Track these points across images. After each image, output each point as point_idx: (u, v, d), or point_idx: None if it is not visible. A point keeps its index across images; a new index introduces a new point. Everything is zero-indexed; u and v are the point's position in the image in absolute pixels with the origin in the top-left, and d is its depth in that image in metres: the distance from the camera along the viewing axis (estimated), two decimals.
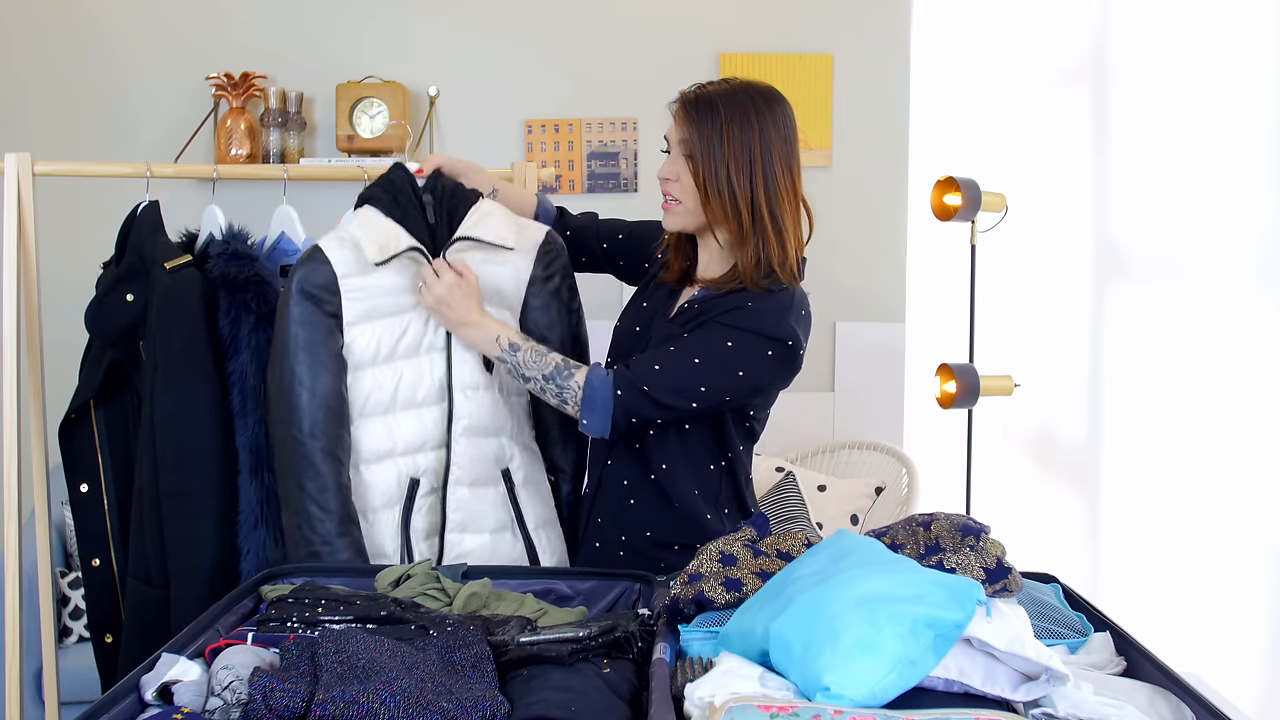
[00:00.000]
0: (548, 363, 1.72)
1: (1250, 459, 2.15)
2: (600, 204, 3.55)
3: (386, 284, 1.77)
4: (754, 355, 1.69)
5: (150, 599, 1.89)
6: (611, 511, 1.82)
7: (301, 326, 1.71)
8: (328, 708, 1.03)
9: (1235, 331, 2.22)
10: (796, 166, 1.75)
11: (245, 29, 3.52)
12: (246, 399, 1.85)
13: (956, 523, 1.24)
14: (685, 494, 1.78)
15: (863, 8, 3.59)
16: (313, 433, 1.71)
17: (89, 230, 2.71)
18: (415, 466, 1.80)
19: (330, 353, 1.73)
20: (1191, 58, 2.39)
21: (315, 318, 1.72)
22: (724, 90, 1.72)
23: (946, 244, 3.41)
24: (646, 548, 1.78)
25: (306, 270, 1.74)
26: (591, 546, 1.84)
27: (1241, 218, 2.22)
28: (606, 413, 1.69)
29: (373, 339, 1.76)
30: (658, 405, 1.69)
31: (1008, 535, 1.40)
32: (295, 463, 1.71)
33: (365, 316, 1.76)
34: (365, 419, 1.77)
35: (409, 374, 1.79)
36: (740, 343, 1.69)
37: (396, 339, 1.78)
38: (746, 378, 1.70)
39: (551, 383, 1.71)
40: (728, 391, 1.71)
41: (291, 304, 1.72)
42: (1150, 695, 1.11)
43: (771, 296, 1.72)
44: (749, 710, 0.96)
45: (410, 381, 1.79)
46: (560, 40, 3.57)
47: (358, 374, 1.76)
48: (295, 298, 1.72)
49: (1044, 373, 3.08)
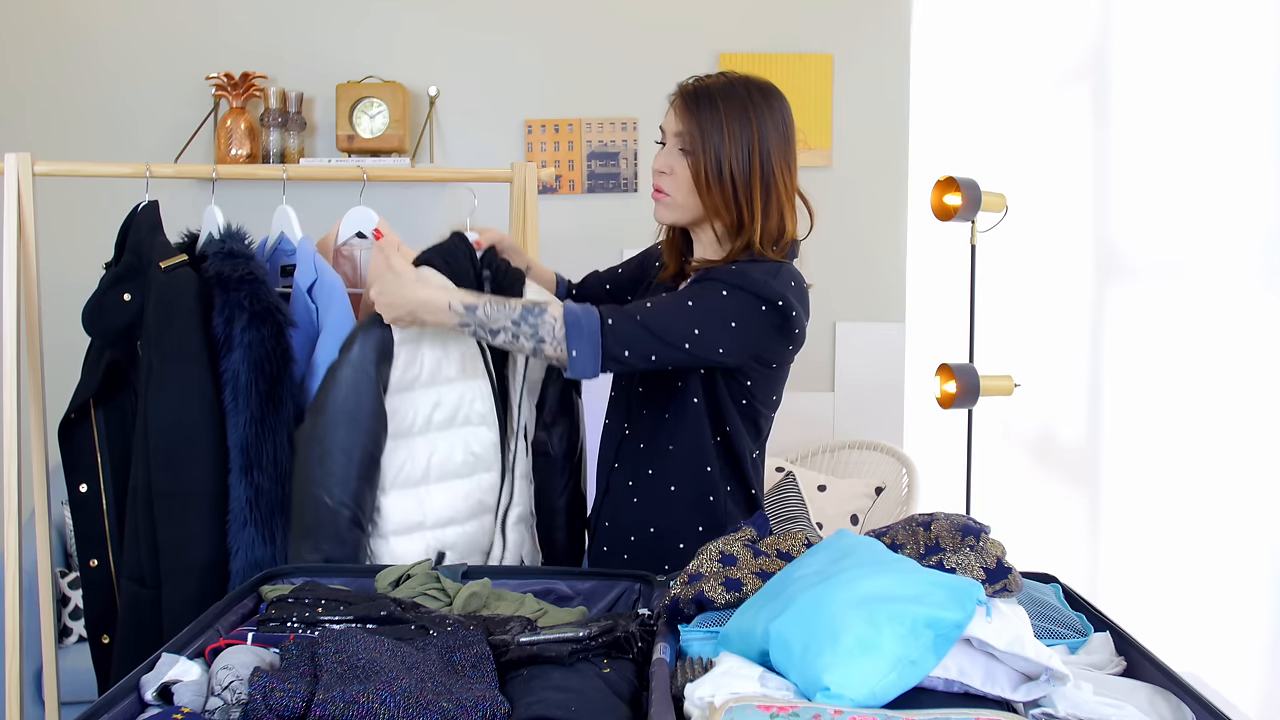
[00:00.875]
0: (513, 307, 1.62)
1: (1250, 459, 2.15)
2: (600, 204, 3.57)
3: (431, 353, 1.77)
4: (746, 309, 1.66)
5: (144, 599, 1.88)
6: (619, 514, 1.82)
7: (352, 389, 1.68)
8: (328, 708, 1.03)
9: (1235, 331, 2.22)
10: (793, 161, 1.75)
11: (245, 29, 3.52)
12: (238, 397, 1.85)
13: (956, 523, 1.24)
14: (690, 494, 1.77)
15: (863, 8, 3.59)
16: (344, 500, 1.69)
17: (89, 230, 2.71)
18: (442, 540, 1.80)
19: (377, 419, 1.71)
20: (1192, 58, 2.39)
21: (367, 383, 1.69)
22: (723, 84, 1.72)
23: (946, 244, 3.41)
24: (652, 547, 1.77)
25: (366, 334, 1.71)
26: (600, 550, 1.84)
27: (1242, 218, 2.22)
28: (595, 342, 1.59)
29: (411, 408, 1.75)
30: (652, 337, 1.61)
31: (1008, 535, 1.40)
32: (323, 529, 1.69)
33: (408, 385, 1.75)
34: (397, 490, 1.76)
35: (443, 446, 1.79)
36: (733, 295, 1.65)
37: (431, 409, 1.78)
38: (739, 332, 1.65)
39: (524, 324, 1.60)
40: (721, 343, 1.65)
41: (345, 366, 1.69)
42: (1150, 695, 1.11)
43: (758, 263, 1.71)
44: (749, 710, 0.96)
45: (444, 455, 1.79)
46: (560, 40, 3.57)
47: (394, 443, 1.74)
48: (354, 361, 1.69)
49: (1044, 373, 3.08)
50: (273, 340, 1.85)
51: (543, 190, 3.38)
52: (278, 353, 1.86)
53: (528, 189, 2.33)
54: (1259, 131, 2.15)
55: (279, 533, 1.83)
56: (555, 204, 3.54)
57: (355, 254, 2.24)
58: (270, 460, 1.84)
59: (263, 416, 1.84)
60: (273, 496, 1.84)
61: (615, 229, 3.51)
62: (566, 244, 3.25)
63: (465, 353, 1.83)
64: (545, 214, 2.64)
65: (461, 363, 1.82)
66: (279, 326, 1.87)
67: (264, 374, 1.84)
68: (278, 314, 1.87)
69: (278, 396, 1.85)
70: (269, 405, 1.84)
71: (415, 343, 1.75)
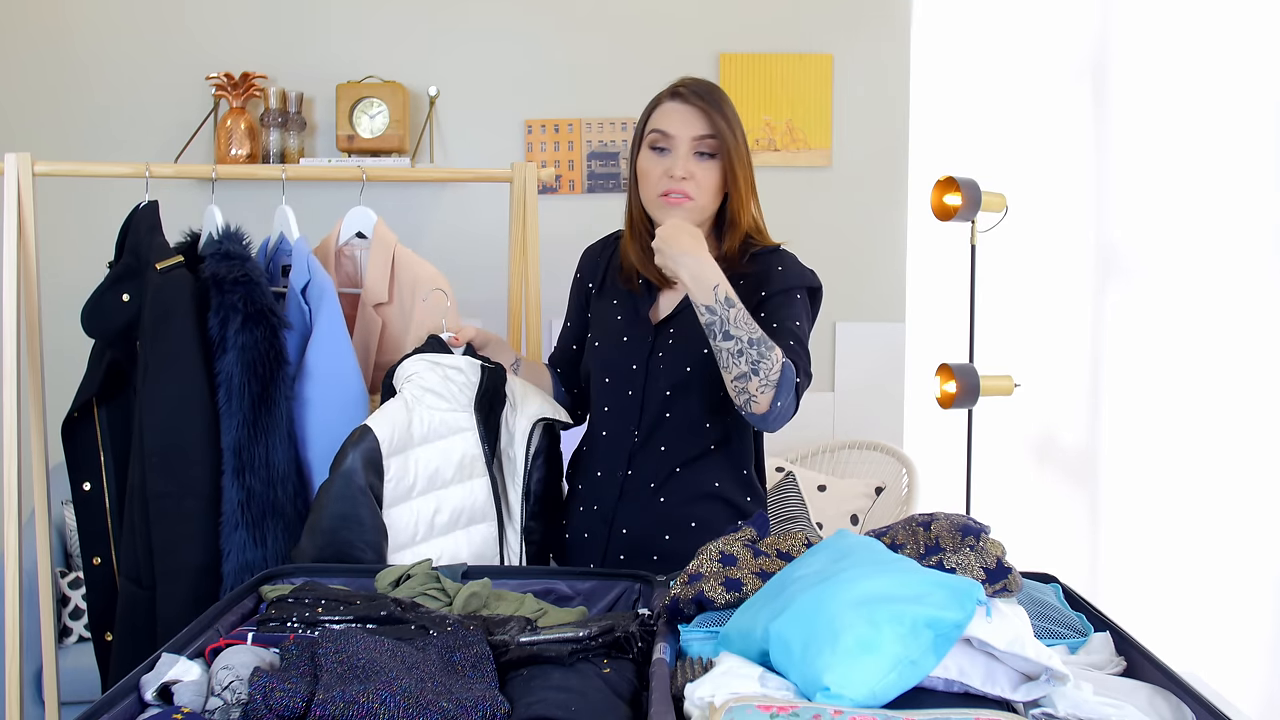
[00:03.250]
0: (755, 327, 1.61)
1: (1250, 459, 2.15)
2: (600, 204, 3.56)
3: (427, 460, 1.76)
4: (809, 302, 1.82)
5: (140, 599, 1.89)
6: (642, 516, 1.81)
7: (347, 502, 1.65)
8: (328, 708, 1.03)
9: (1235, 332, 2.22)
10: None
11: (245, 29, 3.52)
12: (232, 399, 1.84)
13: (956, 523, 1.24)
14: (717, 483, 1.79)
15: (863, 8, 3.59)
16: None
17: (89, 230, 2.72)
18: None
19: (377, 530, 1.68)
20: (1192, 58, 2.39)
21: (361, 495, 1.66)
22: (711, 85, 1.80)
23: (946, 244, 3.41)
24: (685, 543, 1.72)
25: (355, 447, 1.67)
26: (616, 559, 1.82)
27: (1242, 218, 2.22)
28: (793, 396, 1.65)
29: (411, 517, 1.74)
30: (809, 377, 1.72)
31: (1008, 535, 1.40)
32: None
33: (404, 495, 1.73)
34: None
35: (449, 549, 1.78)
36: (804, 296, 1.80)
37: (432, 514, 1.76)
38: (814, 322, 1.82)
39: (755, 348, 1.59)
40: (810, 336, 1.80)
41: (337, 480, 1.65)
42: (1150, 695, 1.11)
43: (783, 254, 1.83)
44: (749, 710, 0.96)
45: (450, 557, 1.77)
46: (560, 40, 3.57)
47: (400, 554, 1.72)
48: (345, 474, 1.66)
49: (1044, 373, 3.08)
50: (266, 342, 1.85)
51: (543, 190, 3.38)
52: (271, 355, 1.86)
53: (528, 189, 2.33)
54: (1259, 131, 2.15)
55: (270, 535, 1.83)
56: (555, 204, 3.54)
57: (356, 254, 2.24)
58: (262, 463, 1.83)
59: (255, 419, 1.84)
60: (264, 499, 1.83)
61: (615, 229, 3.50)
62: (566, 244, 3.25)
63: (466, 454, 1.81)
64: (545, 214, 2.64)
65: (460, 464, 1.80)
66: (273, 328, 1.86)
67: (257, 376, 1.84)
68: (272, 316, 1.87)
69: (271, 399, 1.85)
70: (261, 407, 1.84)
71: (404, 452, 1.72)
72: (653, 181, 1.77)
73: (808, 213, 3.53)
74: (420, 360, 1.80)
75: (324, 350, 1.93)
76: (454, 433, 1.79)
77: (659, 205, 1.78)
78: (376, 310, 2.16)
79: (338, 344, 1.94)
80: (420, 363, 1.79)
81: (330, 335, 1.94)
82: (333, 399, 1.92)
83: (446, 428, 1.78)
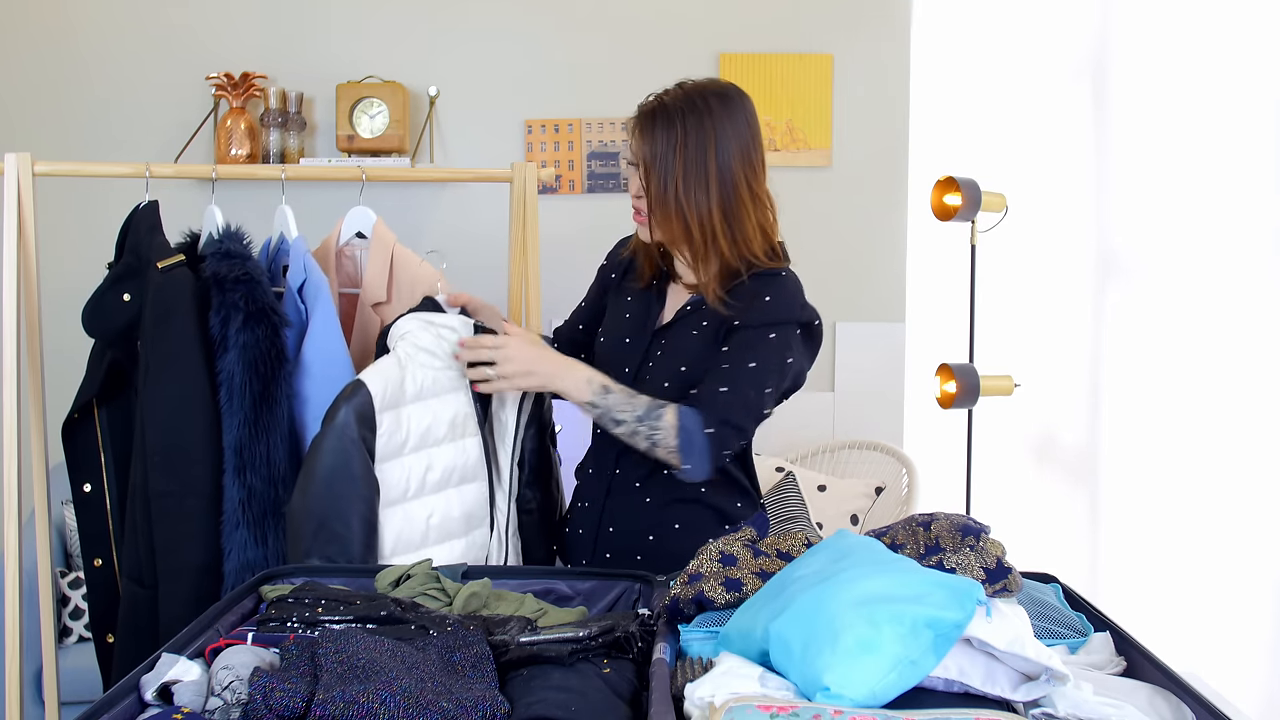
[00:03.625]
0: (639, 403, 1.68)
1: (1250, 458, 2.15)
2: (600, 204, 3.56)
3: (419, 418, 1.76)
4: (791, 341, 1.72)
5: (142, 599, 1.88)
6: (628, 517, 1.81)
7: (339, 456, 1.65)
8: (328, 708, 1.03)
9: (1235, 332, 2.22)
10: (759, 164, 1.74)
11: (245, 29, 3.52)
12: (233, 398, 1.84)
13: (956, 523, 1.24)
14: (703, 488, 1.77)
15: (863, 8, 3.59)
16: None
17: (89, 230, 2.72)
18: None
19: (369, 484, 1.69)
20: (1192, 57, 2.39)
21: (354, 448, 1.66)
22: (679, 98, 1.71)
23: (946, 244, 3.41)
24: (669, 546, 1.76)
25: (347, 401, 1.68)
26: (602, 558, 1.83)
27: (1242, 218, 2.22)
28: (705, 454, 1.66)
29: (403, 473, 1.74)
30: (742, 432, 1.69)
31: (1008, 535, 1.40)
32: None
33: (395, 451, 1.73)
34: (399, 556, 1.74)
35: (440, 507, 1.79)
36: (779, 333, 1.71)
37: (424, 472, 1.76)
38: (794, 364, 1.73)
39: (644, 424, 1.67)
40: (783, 384, 1.74)
41: (329, 435, 1.65)
42: (1150, 695, 1.11)
43: (780, 281, 1.73)
44: (749, 710, 0.96)
45: (442, 516, 1.78)
46: (560, 40, 3.57)
47: (390, 510, 1.72)
48: (337, 428, 1.65)
49: (1044, 373, 3.07)
50: (267, 341, 1.85)
51: (543, 190, 3.38)
52: (272, 353, 1.86)
53: (528, 189, 2.33)
54: (1259, 131, 2.15)
55: (271, 534, 1.83)
56: (555, 204, 3.54)
57: (357, 254, 2.24)
58: (263, 461, 1.84)
59: (256, 418, 1.84)
60: (265, 498, 1.83)
61: (615, 229, 3.47)
62: (566, 244, 3.25)
63: (459, 413, 1.81)
64: (545, 214, 2.64)
65: (453, 423, 1.80)
66: (274, 327, 1.86)
67: (258, 374, 1.84)
68: (273, 314, 1.87)
69: (272, 397, 1.85)
70: (263, 406, 1.84)
71: (396, 408, 1.72)
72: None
73: (808, 213, 3.53)
74: (414, 319, 1.80)
75: (318, 346, 1.93)
76: (447, 391, 1.79)
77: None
78: (375, 310, 2.16)
79: (330, 340, 1.94)
80: (414, 321, 1.80)
81: (324, 331, 1.94)
82: (328, 395, 1.92)
83: (439, 386, 1.78)
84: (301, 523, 1.66)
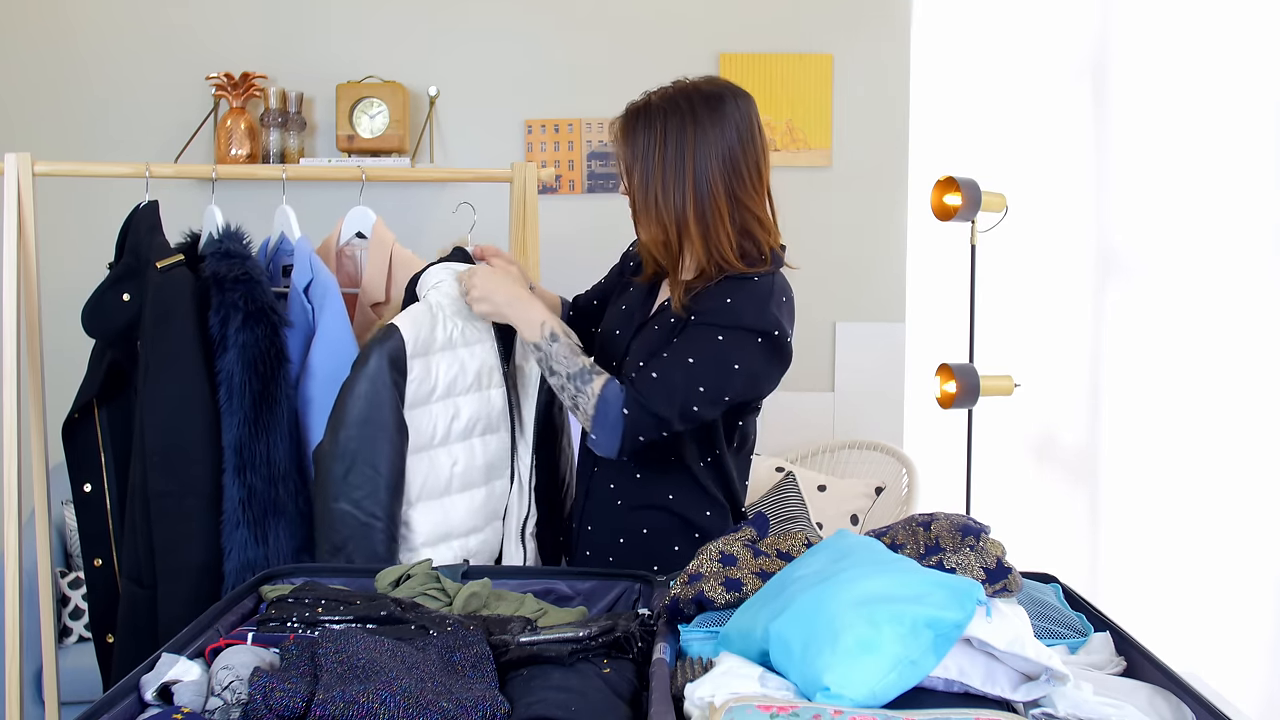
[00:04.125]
0: (576, 361, 1.68)
1: (1250, 458, 2.15)
2: (600, 204, 3.56)
3: (446, 367, 1.77)
4: (746, 348, 1.66)
5: (141, 599, 1.89)
6: (602, 517, 1.82)
7: (371, 401, 1.67)
8: (328, 708, 1.03)
9: (1235, 332, 2.22)
10: (749, 167, 1.68)
11: (245, 29, 3.52)
12: (232, 398, 1.85)
13: (956, 523, 1.24)
14: (671, 495, 1.77)
15: (863, 8, 3.59)
16: (375, 513, 1.67)
17: (89, 230, 2.72)
18: (467, 548, 1.81)
19: (399, 430, 1.70)
20: (1192, 57, 2.39)
21: (386, 392, 1.68)
22: (665, 98, 1.69)
23: (946, 244, 3.41)
24: (637, 550, 1.77)
25: (379, 346, 1.70)
26: (583, 555, 1.84)
27: (1242, 218, 2.22)
28: (616, 431, 1.64)
29: (429, 420, 1.75)
30: (661, 422, 1.64)
31: (1008, 535, 1.40)
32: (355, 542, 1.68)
33: (424, 398, 1.75)
34: (423, 502, 1.75)
35: (463, 456, 1.80)
36: (730, 337, 1.66)
37: (449, 420, 1.78)
38: (742, 371, 1.66)
39: (573, 383, 1.67)
40: (726, 390, 1.66)
41: (361, 379, 1.67)
42: (1150, 695, 1.11)
43: (750, 285, 1.68)
44: (749, 710, 0.96)
45: (465, 464, 1.80)
46: (560, 40, 3.57)
47: (416, 456, 1.74)
48: (370, 373, 1.67)
49: (1044, 373, 3.07)
50: (267, 340, 1.85)
51: (543, 190, 3.38)
52: (272, 353, 1.86)
53: (528, 189, 2.33)
54: (1259, 131, 2.15)
55: (272, 534, 1.84)
56: (555, 204, 3.54)
57: (357, 254, 2.24)
58: (264, 460, 1.84)
59: (256, 417, 1.84)
60: (266, 497, 1.84)
61: (615, 229, 3.47)
62: (566, 244, 3.25)
63: (484, 364, 1.84)
64: (545, 214, 2.64)
65: (479, 374, 1.83)
66: (274, 327, 1.87)
67: (258, 374, 1.84)
68: (272, 314, 1.87)
69: (272, 397, 1.85)
70: (262, 405, 1.84)
71: (426, 356, 1.74)
72: None
73: (808, 213, 3.53)
74: (445, 269, 1.84)
75: (328, 350, 1.93)
76: (474, 342, 1.82)
77: None
78: (374, 310, 2.16)
79: (342, 344, 1.94)
80: (445, 271, 1.83)
81: (334, 335, 1.94)
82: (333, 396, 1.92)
83: (467, 337, 1.81)
84: (331, 465, 1.68)
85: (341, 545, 1.67)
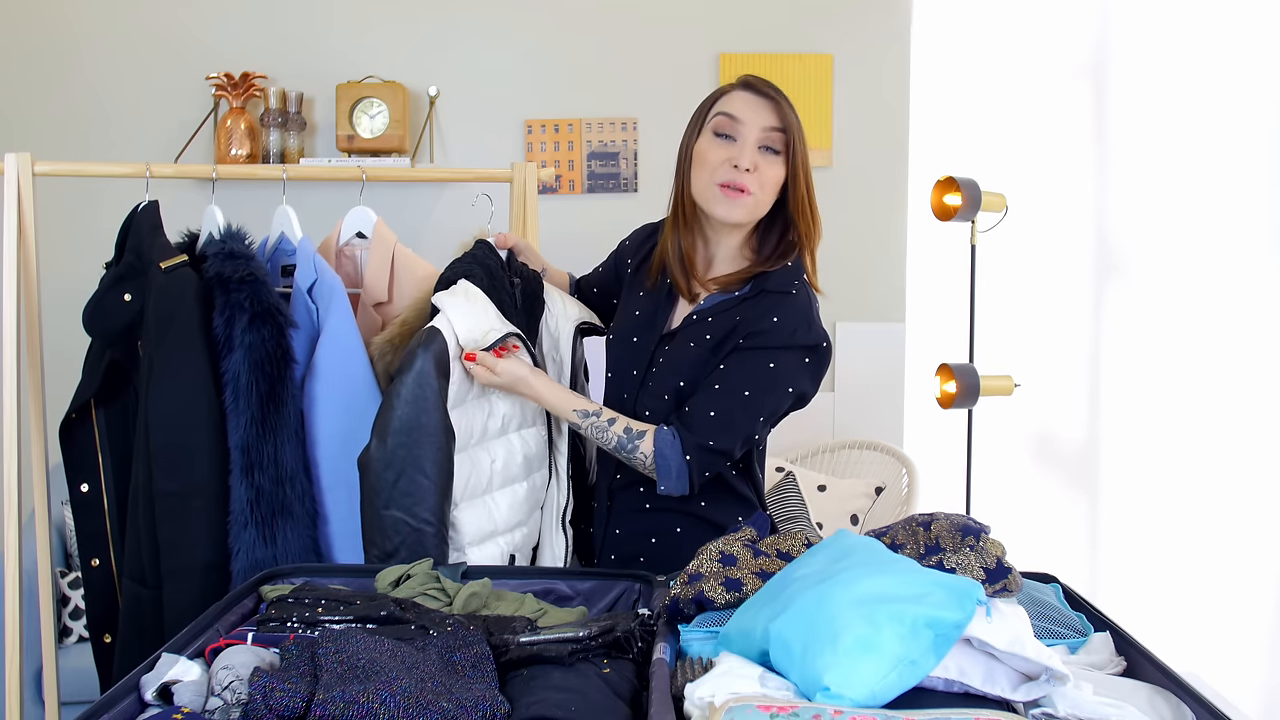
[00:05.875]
0: (613, 434, 1.71)
1: (1250, 459, 2.15)
2: (600, 204, 3.56)
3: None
4: (796, 367, 1.70)
5: (144, 599, 1.89)
6: (631, 521, 1.81)
7: (419, 406, 1.66)
8: (328, 708, 1.03)
9: (1235, 331, 2.22)
10: None
11: (245, 29, 3.52)
12: (239, 398, 1.85)
13: (956, 523, 1.24)
14: (703, 503, 1.77)
15: (863, 8, 3.59)
16: (428, 519, 1.66)
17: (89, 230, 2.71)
18: (513, 543, 1.82)
19: (447, 433, 1.69)
20: (1192, 57, 2.39)
21: (434, 396, 1.67)
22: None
23: (946, 244, 3.42)
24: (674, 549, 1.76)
25: (425, 348, 1.68)
26: (608, 560, 1.83)
27: (1241, 218, 2.22)
28: (684, 476, 1.67)
29: (467, 420, 1.75)
30: (726, 455, 1.69)
31: (1008, 535, 1.40)
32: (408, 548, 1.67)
33: (463, 398, 1.75)
34: (467, 501, 1.75)
35: (502, 452, 1.81)
36: (781, 360, 1.69)
37: (486, 418, 1.79)
38: (794, 391, 1.71)
39: (622, 450, 1.71)
40: (779, 409, 1.72)
41: (409, 383, 1.66)
42: (1150, 695, 1.11)
43: (791, 301, 1.72)
44: (749, 710, 0.96)
45: (504, 460, 1.81)
46: (560, 40, 3.57)
47: (458, 456, 1.73)
48: (417, 376, 1.66)
49: (1044, 373, 3.08)
50: (273, 341, 1.85)
51: (543, 190, 3.38)
52: (278, 354, 1.86)
53: (528, 189, 2.33)
54: (1259, 131, 2.15)
55: (280, 533, 1.84)
56: (555, 204, 3.54)
57: (357, 254, 2.24)
58: (271, 461, 1.84)
59: (263, 417, 1.84)
60: (273, 497, 1.84)
61: (615, 229, 3.47)
62: (566, 244, 3.25)
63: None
64: (545, 214, 2.64)
65: None
66: (280, 327, 1.87)
67: (264, 375, 1.84)
68: (278, 315, 1.87)
69: (278, 397, 1.85)
70: (270, 406, 1.84)
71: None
72: (712, 167, 1.72)
73: None
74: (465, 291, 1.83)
75: (334, 350, 1.93)
76: None
77: (714, 196, 1.72)
78: (376, 310, 2.16)
79: (348, 344, 1.94)
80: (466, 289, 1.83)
81: (340, 335, 1.94)
82: (342, 399, 1.92)
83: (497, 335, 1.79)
84: (381, 472, 1.65)
85: (394, 551, 1.65)
